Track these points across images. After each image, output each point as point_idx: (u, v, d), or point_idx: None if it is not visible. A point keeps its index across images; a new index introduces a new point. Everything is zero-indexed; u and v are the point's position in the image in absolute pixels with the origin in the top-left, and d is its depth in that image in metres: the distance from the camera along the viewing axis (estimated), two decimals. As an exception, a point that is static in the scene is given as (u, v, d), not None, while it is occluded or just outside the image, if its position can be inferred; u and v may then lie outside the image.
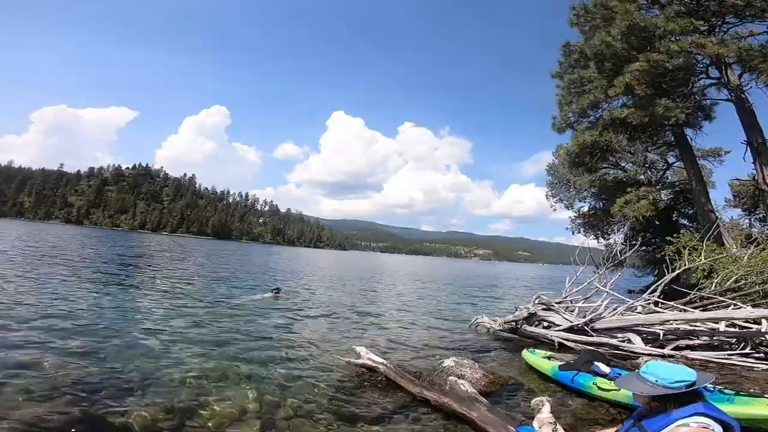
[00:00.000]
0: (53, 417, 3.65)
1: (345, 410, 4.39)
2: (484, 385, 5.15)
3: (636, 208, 14.15)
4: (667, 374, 2.06)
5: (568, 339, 7.54)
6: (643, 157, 20.20)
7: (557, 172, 23.89)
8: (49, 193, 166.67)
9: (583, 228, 22.32)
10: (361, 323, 9.93)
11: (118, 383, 4.59)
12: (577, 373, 5.08)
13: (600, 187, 18.98)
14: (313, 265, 39.94)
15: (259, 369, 5.54)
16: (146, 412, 3.90)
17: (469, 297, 18.94)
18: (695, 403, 1.98)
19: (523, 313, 8.60)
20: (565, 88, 16.58)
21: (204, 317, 8.89)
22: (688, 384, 2.00)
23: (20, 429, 3.44)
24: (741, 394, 4.16)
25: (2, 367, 4.69)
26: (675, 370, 2.10)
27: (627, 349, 7.01)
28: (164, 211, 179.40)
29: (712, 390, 4.16)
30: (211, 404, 4.21)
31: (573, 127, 16.58)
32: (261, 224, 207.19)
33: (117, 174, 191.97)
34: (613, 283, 9.53)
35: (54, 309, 8.11)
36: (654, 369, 2.14)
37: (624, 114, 13.01)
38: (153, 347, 6.18)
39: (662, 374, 2.07)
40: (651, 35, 12.68)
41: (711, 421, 1.90)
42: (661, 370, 2.10)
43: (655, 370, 2.13)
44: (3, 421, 3.51)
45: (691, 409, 1.95)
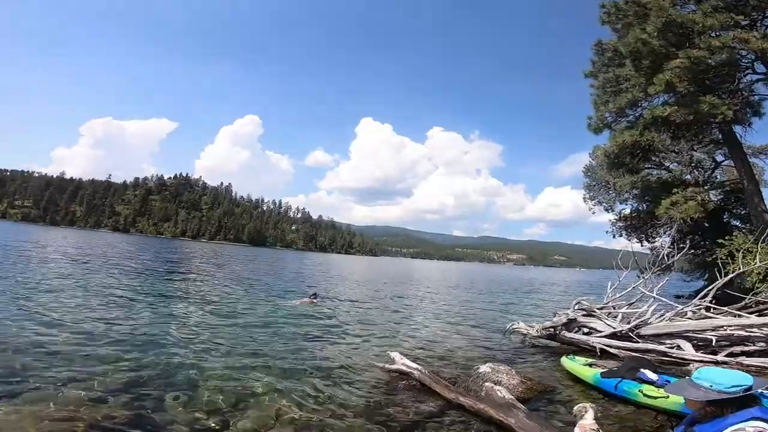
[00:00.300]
0: (105, 419, 3.83)
1: (379, 416, 4.38)
2: (521, 391, 5.03)
3: (683, 209, 13.41)
4: (722, 379, 2.02)
5: (611, 345, 7.24)
6: (688, 156, 19.13)
7: (595, 173, 23.07)
8: (98, 203, 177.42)
9: (626, 231, 21.34)
10: (394, 328, 9.91)
11: (162, 387, 4.75)
12: (621, 380, 4.88)
13: (643, 189, 18.13)
14: (346, 271, 40.36)
15: (294, 374, 5.61)
16: (188, 415, 4.04)
17: (503, 303, 18.51)
18: (751, 407, 1.93)
19: (562, 319, 8.32)
20: (600, 87, 16.07)
21: (243, 322, 9.14)
22: (745, 388, 1.96)
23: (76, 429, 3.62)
24: None
25: (56, 371, 4.95)
26: (730, 374, 2.06)
27: (676, 356, 6.67)
28: (203, 219, 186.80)
29: None
30: (248, 408, 4.30)
31: (611, 127, 16.01)
32: (294, 231, 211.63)
33: (160, 184, 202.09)
34: (660, 288, 9.07)
35: (103, 315, 8.58)
36: (708, 374, 2.10)
37: (666, 112, 12.43)
38: (194, 352, 6.38)
39: (717, 379, 2.03)
40: (689, 31, 12.15)
41: (767, 425, 1.84)
42: (716, 376, 2.07)
43: (709, 375, 2.09)
44: (58, 422, 3.70)
45: (747, 413, 1.90)
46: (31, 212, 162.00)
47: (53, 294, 10.43)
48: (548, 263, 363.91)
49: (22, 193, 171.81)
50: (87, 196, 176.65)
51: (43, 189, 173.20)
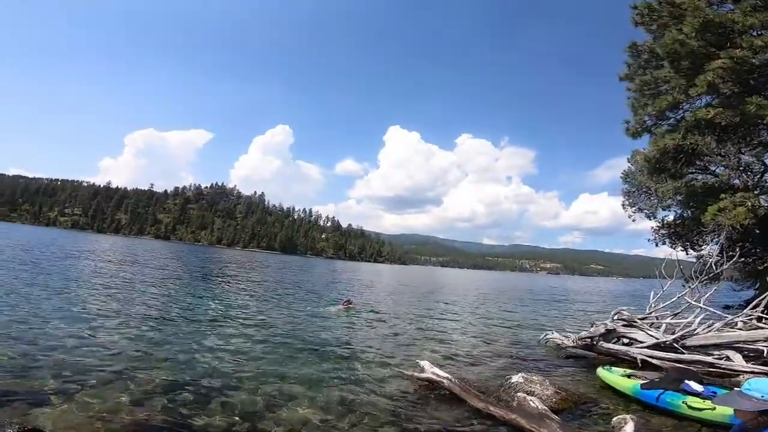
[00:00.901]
0: (146, 420, 4.02)
1: (408, 424, 4.36)
2: (555, 402, 4.88)
3: (732, 215, 12.57)
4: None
5: (654, 356, 6.93)
6: (736, 160, 17.96)
7: (635, 179, 22.06)
8: (141, 211, 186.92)
9: (669, 239, 20.22)
10: (424, 337, 9.86)
11: (199, 391, 4.92)
12: (664, 391, 4.67)
13: (687, 194, 17.17)
14: (376, 278, 40.51)
15: (325, 381, 5.67)
16: (223, 419, 4.18)
17: (535, 312, 18.01)
18: None
19: (600, 330, 8.03)
20: (638, 90, 15.44)
21: (276, 329, 9.38)
22: None
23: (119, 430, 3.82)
24: None
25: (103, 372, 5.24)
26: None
27: (725, 368, 6.33)
28: (237, 228, 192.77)
29: None
30: (279, 415, 4.39)
31: (650, 131, 15.33)
32: (324, 240, 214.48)
33: (197, 193, 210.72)
34: (707, 297, 8.57)
35: (146, 319, 9.09)
36: (759, 385, 2.15)
37: (711, 114, 11.82)
38: (229, 357, 6.60)
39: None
40: (729, 31, 11.61)
41: None
42: (766, 386, 2.11)
43: (760, 386, 2.14)
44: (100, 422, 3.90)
45: None
46: (80, 220, 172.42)
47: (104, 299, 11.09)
48: (585, 272, 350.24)
49: (71, 202, 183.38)
50: (131, 204, 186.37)
51: (91, 198, 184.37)
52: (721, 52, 11.65)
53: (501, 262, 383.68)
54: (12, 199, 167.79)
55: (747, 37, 11.50)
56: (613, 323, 8.06)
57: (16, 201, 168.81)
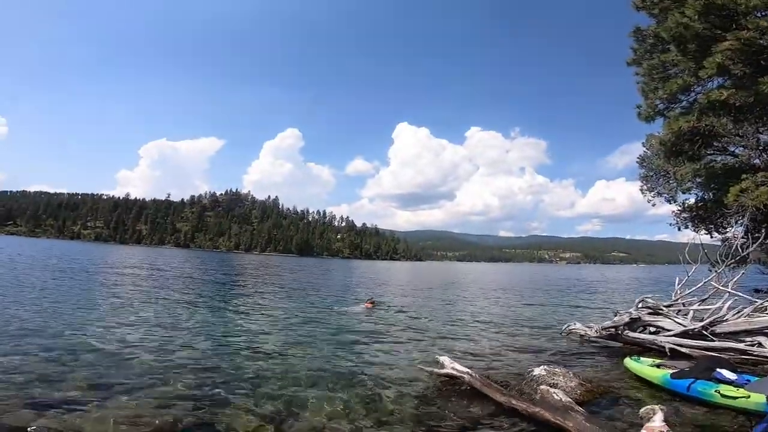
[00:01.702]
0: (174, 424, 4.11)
1: (429, 420, 4.35)
2: (579, 394, 4.78)
3: (755, 195, 12.15)
4: None
5: (683, 345, 6.76)
6: (755, 140, 17.38)
7: (651, 163, 21.52)
8: (161, 221, 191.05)
9: (692, 222, 19.68)
10: (443, 332, 9.85)
11: (221, 391, 5.05)
12: (695, 380, 4.54)
13: (707, 176, 16.68)
14: (393, 276, 40.56)
15: (347, 380, 5.73)
16: (247, 420, 4.25)
17: (556, 303, 17.74)
18: None
19: (625, 318, 7.87)
20: (646, 74, 15.10)
21: (299, 329, 9.53)
22: None
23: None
24: None
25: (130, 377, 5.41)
26: None
27: (758, 354, 6.10)
28: (254, 233, 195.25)
29: None
30: (301, 414, 4.45)
31: (663, 115, 14.96)
32: (339, 240, 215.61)
33: (213, 200, 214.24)
34: (735, 282, 8.29)
35: (170, 324, 9.32)
36: None
37: (724, 95, 11.47)
38: (253, 358, 6.72)
39: None
40: (733, 13, 11.25)
41: None
42: None
43: None
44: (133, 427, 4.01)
45: None
46: (103, 232, 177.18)
47: (130, 307, 11.42)
48: (606, 260, 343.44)
49: (93, 215, 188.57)
50: (150, 215, 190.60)
51: (112, 210, 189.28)
52: (727, 34, 11.36)
53: (518, 254, 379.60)
54: (36, 214, 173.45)
55: (752, 18, 11.20)
56: (638, 312, 7.87)
57: (39, 216, 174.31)
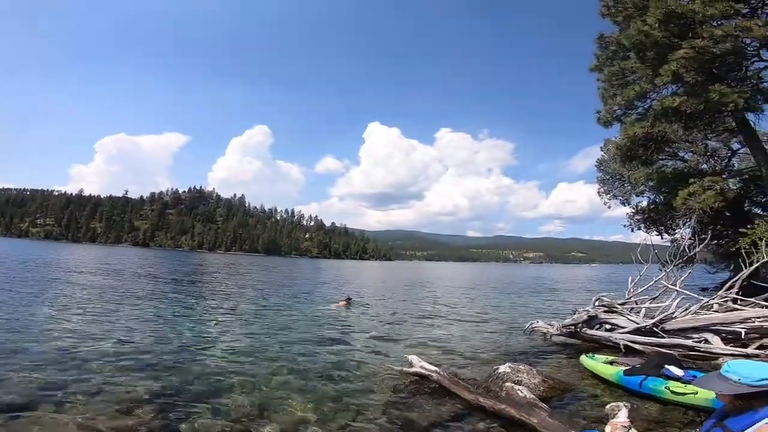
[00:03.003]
0: (132, 427, 3.96)
1: (399, 419, 4.39)
2: (543, 390, 4.95)
3: (702, 199, 13.07)
4: (751, 372, 1.98)
5: (636, 341, 7.07)
6: (703, 146, 18.67)
7: (608, 167, 22.67)
8: (117, 219, 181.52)
9: (644, 224, 20.85)
10: (414, 331, 9.99)
11: (186, 393, 4.92)
12: (646, 377, 4.75)
13: (659, 180, 17.78)
14: (364, 276, 40.53)
15: (317, 379, 5.71)
16: (214, 423, 4.13)
17: (520, 302, 18.30)
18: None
19: (583, 316, 8.16)
20: (607, 80, 15.88)
21: (267, 329, 9.43)
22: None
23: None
24: None
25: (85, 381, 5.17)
26: (759, 367, 2.02)
27: (704, 350, 6.49)
28: (219, 231, 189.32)
29: None
30: (271, 415, 4.38)
31: (620, 120, 15.78)
32: (308, 239, 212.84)
33: (175, 198, 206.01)
34: (683, 280, 8.83)
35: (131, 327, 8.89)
36: (737, 368, 2.06)
37: (676, 103, 12.22)
38: (220, 360, 6.57)
39: (746, 372, 1.99)
40: (691, 21, 12.00)
41: None
42: (744, 369, 2.03)
43: (737, 368, 2.05)
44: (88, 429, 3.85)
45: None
46: (54, 230, 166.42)
47: (84, 308, 10.85)
48: (567, 260, 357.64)
49: (43, 212, 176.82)
50: (106, 212, 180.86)
51: (64, 207, 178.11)
52: (683, 43, 12.02)
53: (485, 254, 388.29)
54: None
55: (707, 27, 11.89)
56: (595, 309, 8.19)
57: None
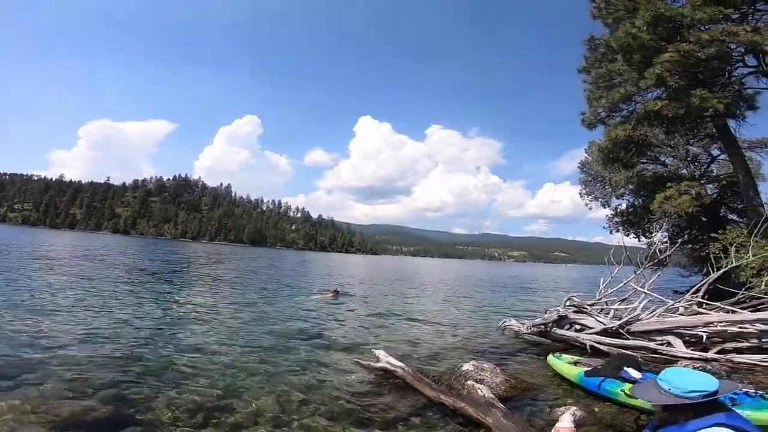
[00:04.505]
0: (87, 416, 3.89)
1: (361, 413, 4.38)
2: (504, 390, 4.95)
3: (677, 203, 13.26)
4: (681, 383, 1.83)
5: (602, 342, 7.12)
6: (684, 151, 18.99)
7: (591, 169, 22.92)
8: (98, 205, 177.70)
9: (622, 226, 21.20)
10: (392, 326, 10.05)
11: (148, 382, 4.85)
12: (605, 379, 4.75)
13: (638, 184, 18.03)
14: (348, 269, 40.57)
15: (283, 372, 5.67)
16: (171, 413, 4.08)
17: (499, 300, 18.47)
18: (715, 413, 1.74)
19: (553, 316, 8.22)
20: (593, 82, 15.92)
21: (245, 320, 9.39)
22: (706, 394, 1.77)
23: (56, 425, 3.68)
24: None
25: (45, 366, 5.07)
26: (691, 378, 1.86)
27: (666, 353, 6.54)
28: (203, 220, 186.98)
29: (753, 395, 3.82)
30: (232, 406, 4.34)
31: (604, 123, 15.85)
32: (294, 231, 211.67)
33: (159, 185, 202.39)
34: (651, 283, 8.95)
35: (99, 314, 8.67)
36: (670, 376, 1.91)
37: (658, 106, 12.28)
38: (188, 349, 6.49)
39: (677, 382, 1.84)
40: (678, 25, 12.03)
41: None
42: (676, 378, 1.87)
43: (670, 377, 1.90)
44: (42, 415, 3.77)
45: (710, 420, 1.72)
46: (32, 216, 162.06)
47: (54, 294, 10.57)
48: (550, 260, 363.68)
49: (21, 197, 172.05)
50: (86, 198, 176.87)
51: (43, 192, 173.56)
52: (669, 46, 12.07)
53: (470, 251, 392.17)
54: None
55: (695, 31, 11.93)
56: (565, 310, 8.23)
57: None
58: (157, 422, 3.88)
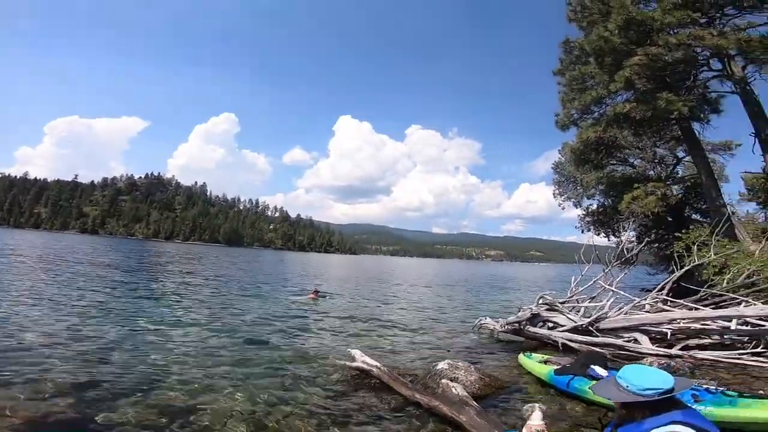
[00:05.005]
0: (47, 417, 3.77)
1: (336, 413, 4.36)
2: (478, 388, 4.99)
3: (644, 203, 13.79)
4: (637, 380, 1.87)
5: (573, 340, 7.28)
6: (651, 153, 19.77)
7: (564, 170, 23.57)
8: (65, 204, 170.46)
9: (593, 226, 21.90)
10: (370, 325, 10.02)
11: (114, 385, 4.71)
12: (573, 377, 4.85)
13: (608, 184, 18.66)
14: (327, 270, 40.23)
15: (258, 373, 5.59)
16: (140, 413, 3.98)
17: (477, 298, 18.73)
18: (671, 411, 1.78)
19: (526, 314, 8.36)
20: (567, 85, 16.34)
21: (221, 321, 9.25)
22: (661, 392, 1.81)
23: (16, 427, 3.54)
24: (745, 396, 3.90)
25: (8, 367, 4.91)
26: (647, 375, 1.90)
27: (633, 350, 6.72)
28: (177, 220, 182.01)
29: (714, 392, 3.94)
30: (203, 408, 4.25)
31: (577, 124, 16.31)
32: (272, 231, 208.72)
33: (130, 183, 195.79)
34: (619, 281, 9.22)
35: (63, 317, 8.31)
36: (627, 374, 1.95)
37: (627, 109, 12.71)
38: (161, 350, 6.38)
39: (634, 380, 1.88)
40: (649, 29, 12.42)
41: (689, 429, 1.69)
42: (633, 375, 1.91)
43: (628, 374, 1.94)
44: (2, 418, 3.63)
45: (666, 417, 1.76)
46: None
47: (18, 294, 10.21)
48: (526, 259, 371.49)
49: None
50: (52, 197, 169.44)
51: (6, 190, 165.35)
52: (638, 49, 12.46)
53: (449, 251, 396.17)
54: None
55: (663, 35, 12.34)
56: (538, 308, 8.36)
57: None
58: (121, 423, 3.77)
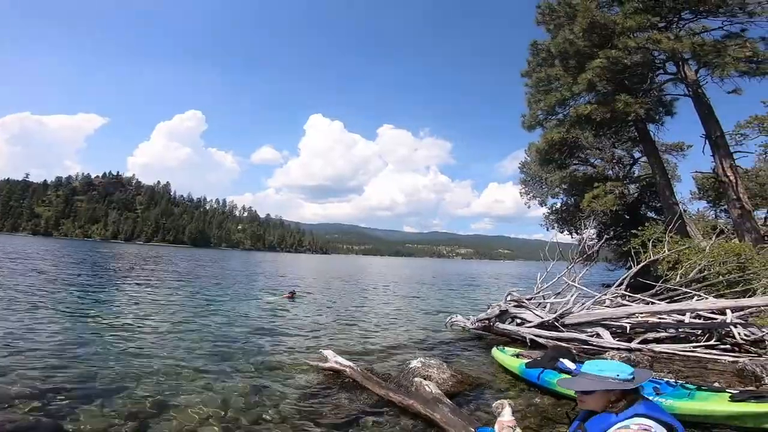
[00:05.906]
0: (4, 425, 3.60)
1: (310, 414, 4.33)
2: (451, 385, 5.08)
3: (603, 202, 14.44)
4: (605, 370, 1.97)
5: (540, 335, 7.52)
6: (610, 153, 20.73)
7: (530, 169, 24.31)
8: (15, 204, 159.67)
9: (557, 224, 22.76)
10: (342, 325, 9.96)
11: (79, 390, 4.55)
12: (543, 370, 5.01)
13: (570, 183, 19.40)
14: (297, 270, 39.59)
15: (229, 373, 5.53)
16: (102, 421, 3.85)
17: (449, 296, 18.98)
18: (635, 403, 1.88)
19: (495, 311, 8.55)
20: (534, 86, 16.83)
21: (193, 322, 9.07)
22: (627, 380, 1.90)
23: None
24: (702, 388, 4.13)
25: None
26: (609, 367, 2.00)
27: (596, 344, 7.01)
28: (138, 220, 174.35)
29: (674, 385, 4.15)
30: (172, 411, 4.16)
31: (542, 125, 16.85)
32: (240, 231, 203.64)
33: (86, 183, 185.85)
34: (581, 277, 9.60)
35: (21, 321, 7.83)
36: (589, 367, 2.05)
37: (588, 110, 13.24)
38: (127, 353, 6.20)
39: (598, 371, 1.98)
40: (611, 32, 12.96)
41: (652, 422, 1.77)
42: (594, 369, 2.01)
43: (589, 368, 2.04)
44: None
45: (630, 410, 1.85)
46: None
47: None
48: (494, 257, 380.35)
49: None
50: (2, 197, 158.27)
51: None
52: (600, 52, 12.99)
53: (420, 249, 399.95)
54: None
55: (623, 38, 12.91)
56: (506, 304, 8.56)
57: None
58: (85, 430, 3.66)
